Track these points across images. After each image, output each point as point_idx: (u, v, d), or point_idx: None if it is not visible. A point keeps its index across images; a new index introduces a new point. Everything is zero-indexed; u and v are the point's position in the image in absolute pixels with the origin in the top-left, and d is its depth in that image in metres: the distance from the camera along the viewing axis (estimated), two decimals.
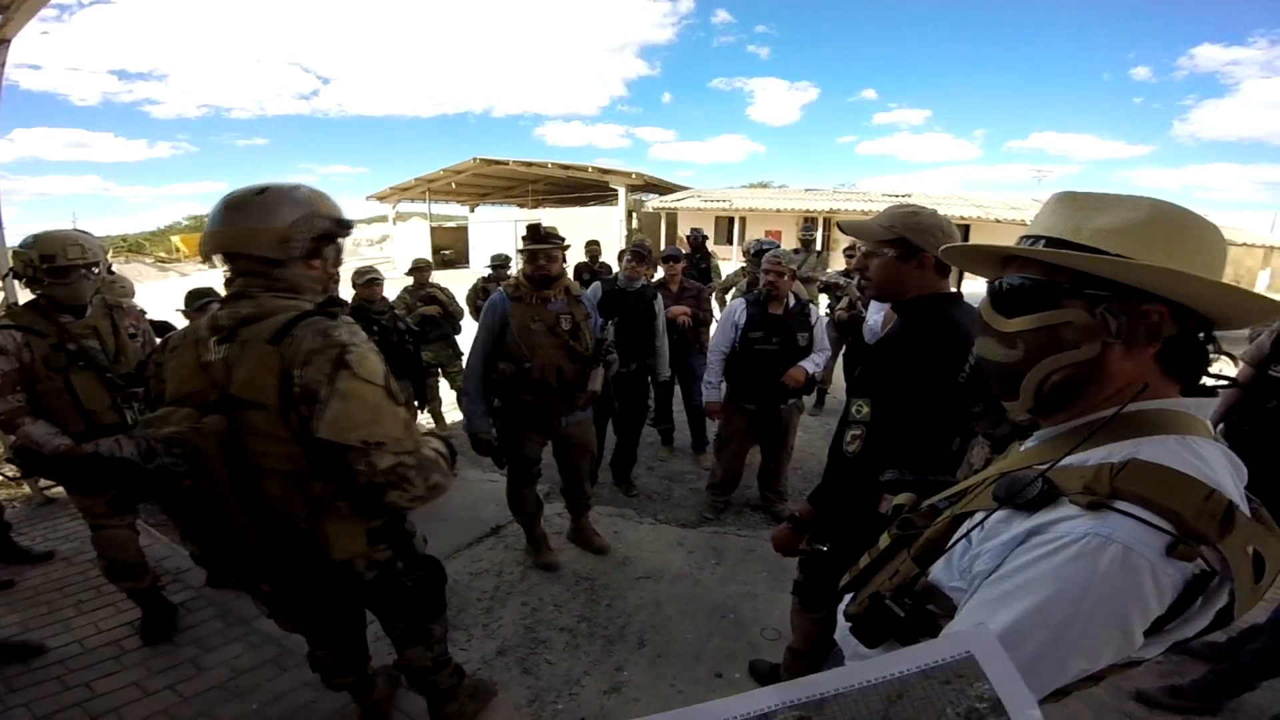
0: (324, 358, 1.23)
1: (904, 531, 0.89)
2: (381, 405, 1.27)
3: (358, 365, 1.25)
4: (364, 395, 1.25)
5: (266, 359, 1.25)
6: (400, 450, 1.28)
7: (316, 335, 1.26)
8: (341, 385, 1.23)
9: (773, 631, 2.57)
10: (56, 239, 2.16)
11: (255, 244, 1.32)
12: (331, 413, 1.22)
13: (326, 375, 1.23)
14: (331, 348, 1.24)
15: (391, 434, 1.27)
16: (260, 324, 1.28)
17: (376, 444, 1.25)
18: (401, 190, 23.06)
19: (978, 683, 0.48)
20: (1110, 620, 0.61)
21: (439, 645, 1.79)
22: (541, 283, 2.73)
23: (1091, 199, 0.74)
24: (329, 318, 1.31)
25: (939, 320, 1.52)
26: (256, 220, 1.31)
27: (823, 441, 4.77)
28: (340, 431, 1.23)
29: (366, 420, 1.24)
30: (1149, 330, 0.70)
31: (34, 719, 2.05)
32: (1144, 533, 0.60)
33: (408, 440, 1.31)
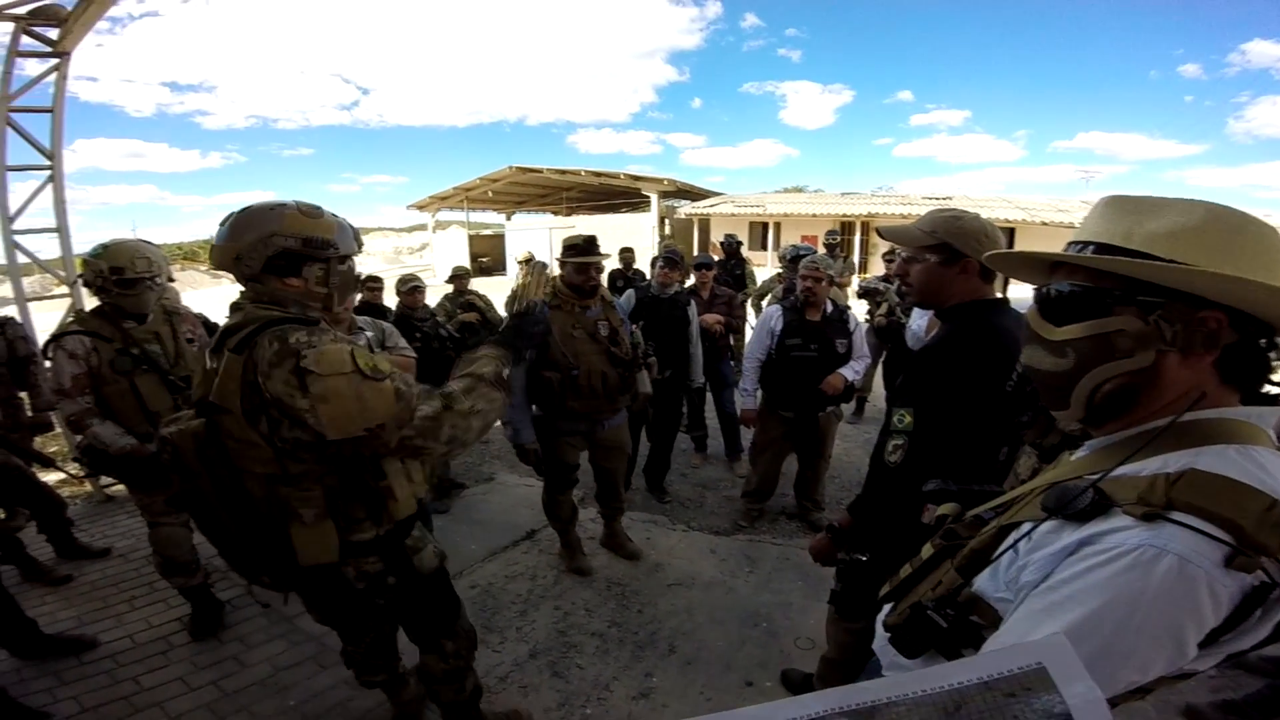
0: (284, 368, 1.25)
1: (948, 542, 0.87)
2: (361, 389, 1.27)
3: (318, 364, 1.25)
4: (340, 389, 1.25)
5: (232, 366, 1.30)
6: (399, 424, 1.31)
7: (273, 342, 1.27)
8: (315, 389, 1.24)
9: (806, 641, 2.52)
10: (125, 251, 2.28)
11: (221, 260, 1.39)
12: (326, 417, 1.24)
13: (295, 386, 1.24)
14: (287, 356, 1.25)
15: (385, 413, 1.29)
16: (239, 333, 1.33)
17: (379, 427, 1.28)
18: (440, 199, 23.56)
19: (1047, 695, 0.45)
20: (1163, 632, 0.59)
21: (455, 660, 1.79)
22: (587, 292, 2.76)
23: (1143, 202, 0.71)
24: (301, 324, 1.34)
25: (984, 327, 1.48)
26: (224, 238, 1.37)
27: (861, 450, 4.69)
28: (345, 428, 1.26)
29: (357, 410, 1.26)
30: (1206, 338, 0.67)
31: (81, 711, 2.14)
32: (1201, 544, 0.58)
33: (404, 412, 1.31)
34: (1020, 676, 0.46)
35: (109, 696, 2.20)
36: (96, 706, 2.16)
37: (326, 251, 1.41)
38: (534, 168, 20.54)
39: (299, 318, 1.37)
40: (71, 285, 3.79)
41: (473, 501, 3.98)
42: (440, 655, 1.76)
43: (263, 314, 1.36)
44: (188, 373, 2.46)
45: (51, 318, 3.63)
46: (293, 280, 1.40)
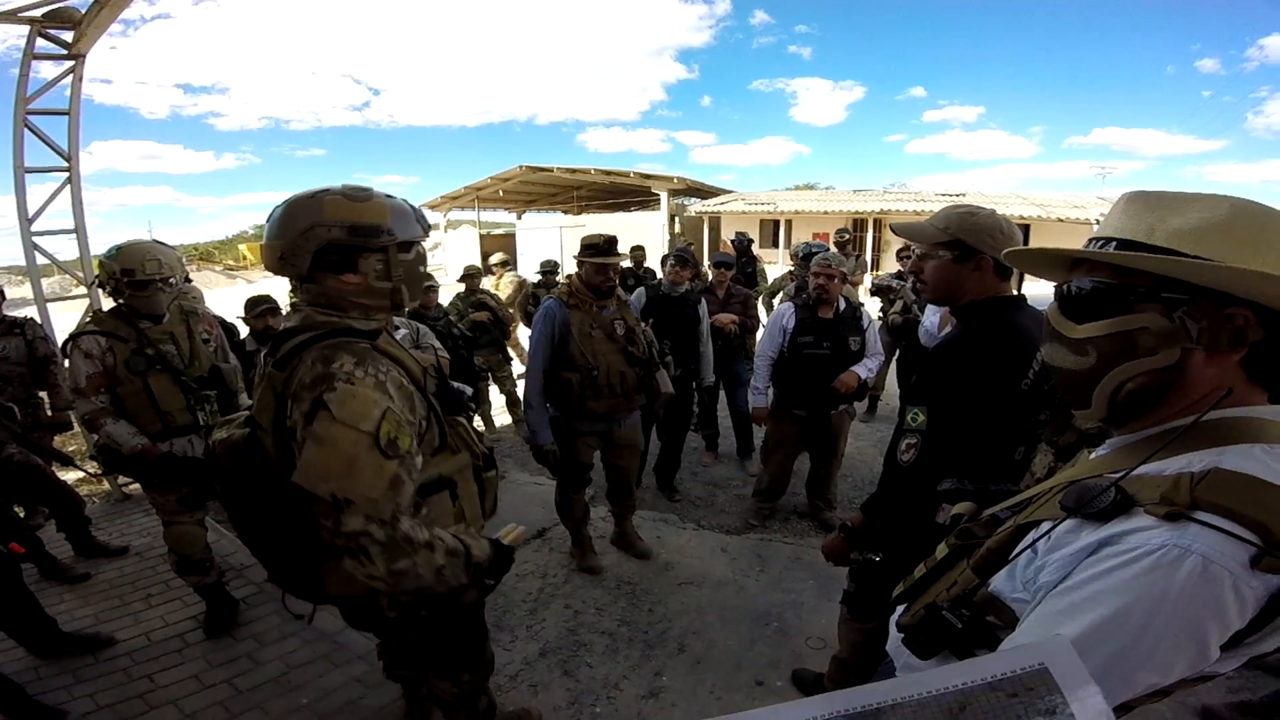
0: (309, 394, 1.11)
1: (963, 541, 0.86)
2: (360, 456, 1.08)
3: (339, 406, 1.08)
4: (339, 441, 1.07)
5: (272, 382, 1.18)
6: (375, 515, 1.08)
7: (318, 363, 1.14)
8: (316, 428, 1.08)
9: (818, 640, 2.51)
10: (137, 253, 2.30)
11: (268, 261, 1.25)
12: (305, 458, 1.08)
13: (304, 414, 1.11)
14: (321, 382, 1.11)
15: (366, 492, 1.07)
16: (292, 340, 1.20)
17: (346, 501, 1.07)
18: (452, 199, 23.69)
19: (1050, 696, 0.45)
20: (1185, 634, 0.58)
21: (469, 686, 1.70)
22: (605, 292, 2.75)
23: (1165, 198, 0.70)
24: (359, 339, 1.21)
25: (1000, 325, 1.46)
26: (269, 235, 1.24)
27: (874, 449, 4.66)
28: (312, 481, 1.07)
29: (339, 471, 1.07)
30: (1233, 335, 0.65)
31: (97, 709, 2.16)
32: (1226, 544, 0.57)
33: (386, 505, 1.10)
34: (1023, 677, 0.47)
35: (124, 694, 2.23)
36: (112, 704, 2.19)
37: (380, 239, 1.24)
38: (544, 167, 20.60)
39: (358, 329, 1.23)
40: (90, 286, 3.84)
41: None
42: (454, 682, 1.68)
43: (320, 320, 1.23)
44: (202, 373, 2.49)
45: (71, 318, 3.68)
46: (350, 277, 1.24)
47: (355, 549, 1.08)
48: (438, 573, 1.18)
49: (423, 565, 1.15)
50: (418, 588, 1.16)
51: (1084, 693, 0.45)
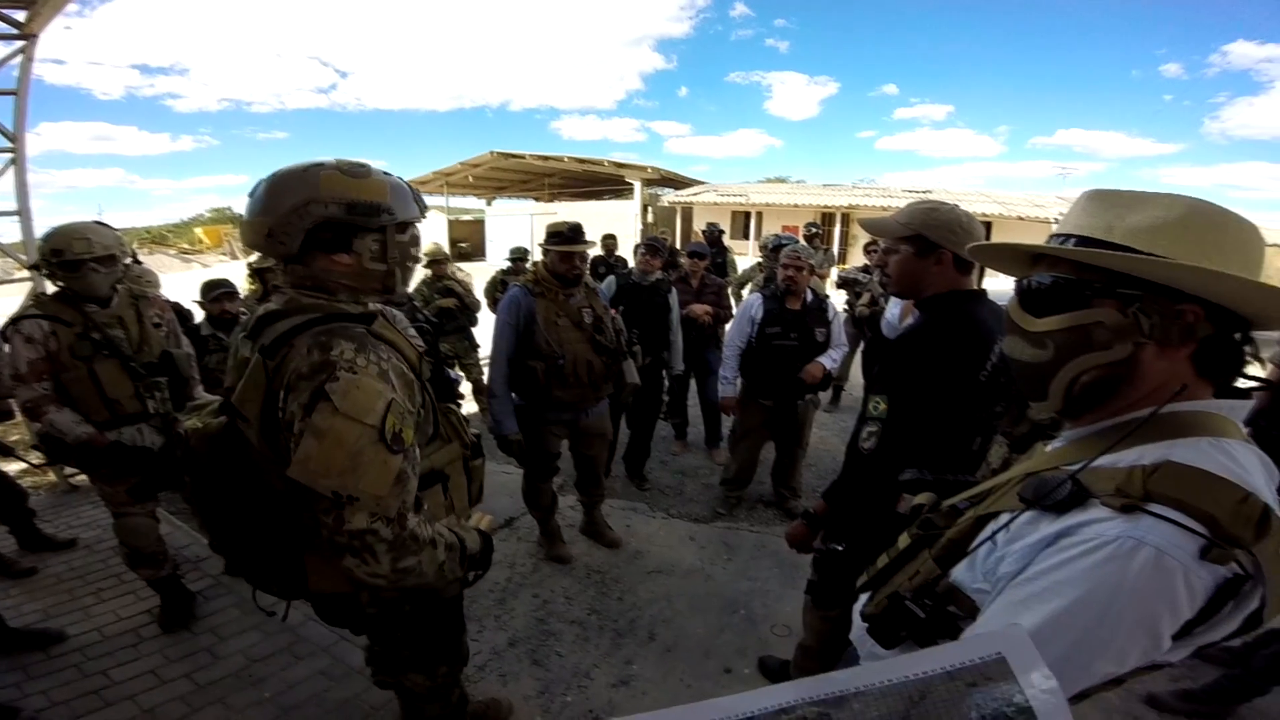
0: (308, 384, 1.05)
1: (925, 532, 0.88)
2: (365, 451, 1.04)
3: (341, 397, 1.03)
4: (342, 435, 1.03)
5: (256, 371, 1.10)
6: (380, 513, 1.06)
7: (315, 350, 1.07)
8: (318, 421, 1.03)
9: (783, 628, 2.55)
10: (64, 234, 2.19)
11: (252, 238, 1.16)
12: (303, 451, 1.03)
13: (302, 405, 1.04)
14: (320, 371, 1.05)
15: (372, 489, 1.05)
16: (276, 325, 1.13)
17: (350, 499, 1.04)
18: (419, 184, 23.15)
19: (1006, 686, 0.46)
20: (1140, 623, 0.60)
21: (442, 679, 1.65)
22: (571, 280, 2.72)
23: (1124, 197, 0.72)
24: (354, 323, 1.15)
25: (959, 317, 1.50)
26: (253, 211, 1.15)
27: (838, 438, 4.74)
28: (310, 475, 1.03)
29: (341, 467, 1.03)
30: (1183, 331, 0.68)
31: (51, 705, 2.09)
32: (1178, 536, 0.59)
33: (392, 501, 1.08)
34: (981, 666, 0.47)
35: (79, 690, 2.15)
36: (67, 701, 2.11)
37: (379, 218, 1.17)
38: (516, 153, 20.32)
39: (351, 314, 1.18)
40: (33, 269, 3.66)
41: None
42: (429, 676, 1.62)
43: (307, 303, 1.16)
44: (152, 359, 2.39)
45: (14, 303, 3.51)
46: (343, 257, 1.17)
47: (359, 547, 1.05)
48: (439, 569, 1.17)
49: (427, 563, 1.14)
50: (417, 584, 1.14)
51: (1039, 680, 0.46)
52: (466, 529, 1.34)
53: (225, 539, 1.29)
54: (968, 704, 0.46)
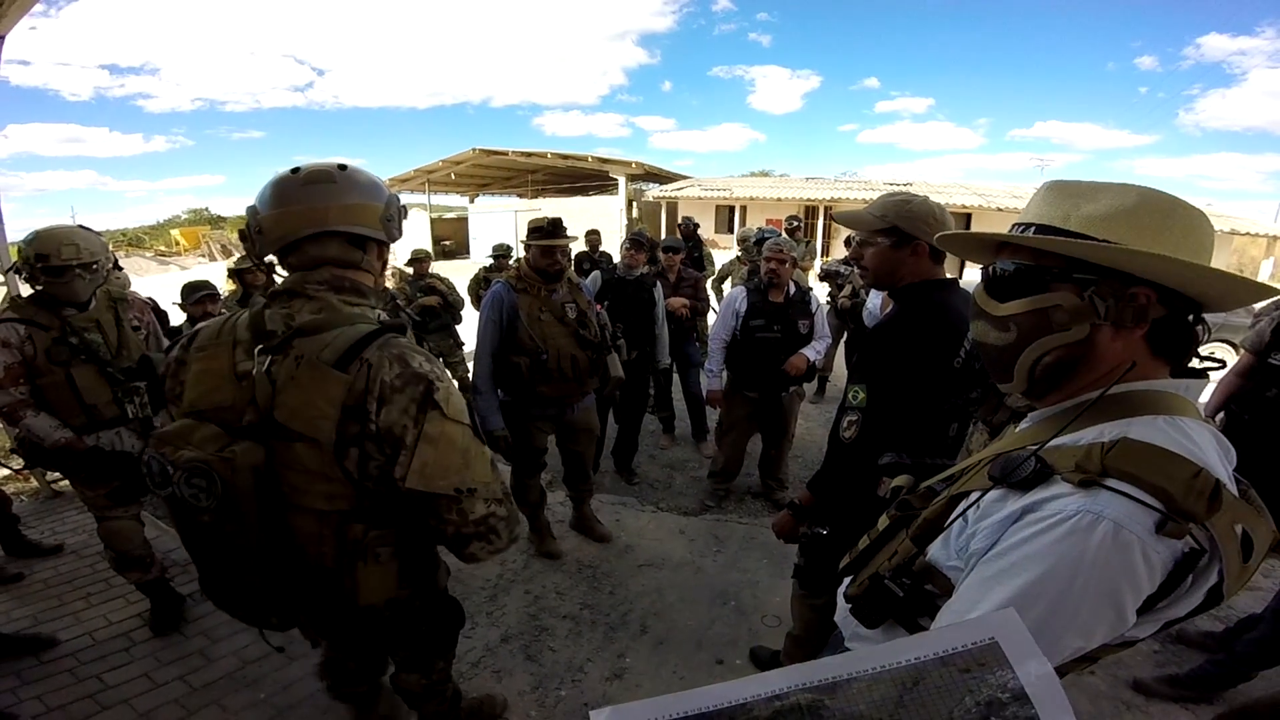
0: (407, 395, 1.06)
1: (902, 513, 0.91)
2: (471, 447, 1.12)
3: (445, 403, 1.09)
4: (454, 438, 1.09)
5: (328, 386, 1.05)
6: (491, 497, 1.14)
7: (395, 363, 1.07)
8: (430, 429, 1.07)
9: (773, 618, 2.59)
10: (53, 238, 2.16)
11: (360, 221, 1.15)
12: (420, 459, 1.06)
13: (413, 417, 1.06)
14: (416, 382, 1.07)
15: (482, 478, 1.13)
16: (321, 336, 1.09)
17: (469, 490, 1.10)
18: (401, 181, 22.95)
19: (1000, 671, 0.46)
20: (1103, 596, 0.62)
21: (440, 675, 1.67)
22: (552, 276, 2.73)
23: (1081, 187, 0.75)
24: (398, 334, 1.15)
25: (933, 306, 1.53)
26: (359, 195, 1.15)
27: (823, 429, 4.79)
28: (430, 480, 1.07)
29: (458, 465, 1.10)
30: (1136, 312, 0.71)
31: (47, 711, 2.07)
32: (1134, 510, 0.61)
33: (496, 484, 1.16)
34: (975, 652, 0.47)
35: (74, 695, 2.14)
36: (62, 705, 2.09)
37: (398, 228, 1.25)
38: (498, 150, 20.16)
39: (394, 324, 1.17)
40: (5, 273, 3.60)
41: None
42: (425, 673, 1.62)
43: (351, 311, 1.14)
44: (131, 363, 2.36)
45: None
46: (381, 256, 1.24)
47: (485, 531, 1.13)
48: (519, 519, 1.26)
49: (519, 528, 1.24)
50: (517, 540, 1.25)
51: (1033, 666, 0.46)
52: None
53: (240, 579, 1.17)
54: (961, 689, 0.46)
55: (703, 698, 0.52)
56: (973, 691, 0.46)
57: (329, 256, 1.16)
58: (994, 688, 0.46)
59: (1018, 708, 0.45)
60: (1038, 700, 0.45)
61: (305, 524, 1.12)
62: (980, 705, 0.45)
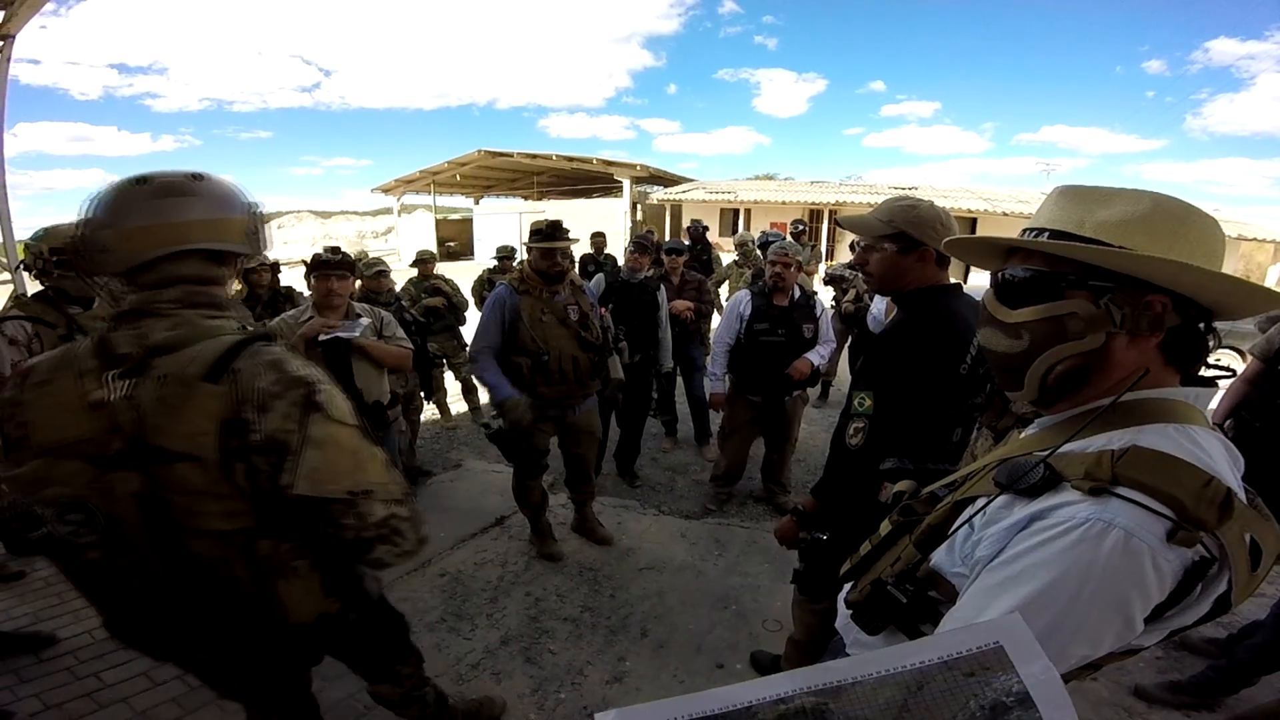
0: (288, 400, 1.01)
1: (905, 518, 0.90)
2: (361, 448, 1.08)
3: (329, 405, 1.05)
4: (341, 440, 1.05)
5: (202, 400, 0.99)
6: (390, 497, 1.09)
7: (270, 369, 1.02)
8: (315, 432, 1.02)
9: (774, 623, 2.58)
10: (66, 233, 2.18)
11: (223, 236, 1.08)
12: (308, 464, 1.01)
13: (296, 421, 1.01)
14: (295, 386, 1.03)
15: (377, 479, 1.09)
16: (184, 352, 1.01)
17: (364, 492, 1.06)
18: (406, 183, 23.06)
19: (1004, 675, 0.46)
20: (1112, 605, 0.61)
21: (410, 680, 1.63)
22: (553, 278, 2.73)
23: (1094, 192, 0.74)
24: (267, 342, 1.09)
25: (939, 312, 1.52)
26: (221, 208, 1.07)
27: (827, 434, 4.76)
28: (321, 484, 1.02)
29: (349, 467, 1.05)
30: (1152, 321, 0.70)
31: (45, 709, 2.07)
32: (1145, 518, 0.61)
33: (394, 485, 1.11)
34: (979, 656, 0.47)
35: (72, 693, 2.14)
36: (60, 704, 2.09)
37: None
38: (504, 151, 20.25)
39: (261, 332, 1.12)
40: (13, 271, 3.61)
41: (440, 489, 3.94)
42: (395, 681, 1.59)
43: (211, 324, 1.07)
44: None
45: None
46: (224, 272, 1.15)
47: (389, 532, 1.08)
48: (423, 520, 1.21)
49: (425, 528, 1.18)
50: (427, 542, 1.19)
51: (1037, 668, 0.46)
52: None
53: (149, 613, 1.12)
54: (966, 694, 0.46)
55: (707, 701, 0.52)
56: (977, 695, 0.46)
57: (187, 275, 1.07)
58: (998, 692, 0.45)
59: (1022, 711, 0.45)
60: (1042, 704, 0.45)
61: (207, 547, 1.05)
62: (984, 709, 0.45)
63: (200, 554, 1.05)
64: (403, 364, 2.78)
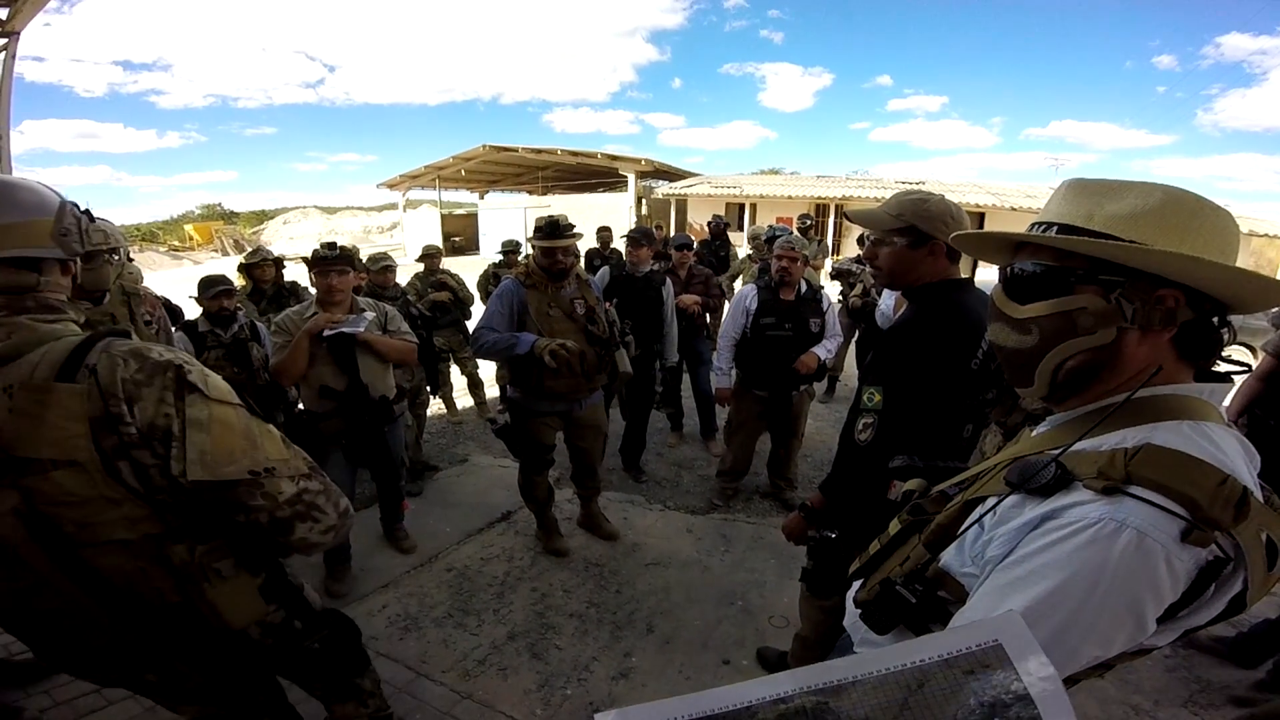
0: (158, 385, 0.97)
1: (915, 517, 0.89)
2: (252, 427, 1.04)
3: (205, 384, 1.00)
4: (228, 419, 1.00)
5: (63, 401, 0.93)
6: (297, 473, 1.05)
7: (131, 358, 0.97)
8: (195, 413, 0.97)
9: (781, 619, 2.57)
10: None
11: (26, 242, 1.00)
12: (196, 448, 0.96)
13: (172, 405, 0.97)
14: (163, 370, 0.98)
15: (278, 455, 1.04)
16: (25, 359, 0.96)
17: (267, 470, 1.01)
18: (411, 178, 23.06)
19: (1004, 673, 0.46)
20: (1124, 606, 0.60)
21: (374, 699, 1.53)
22: (558, 274, 2.72)
23: (1104, 185, 0.73)
24: (120, 338, 1.03)
25: (951, 307, 1.51)
26: (19, 212, 1.00)
27: (833, 429, 4.76)
28: (216, 467, 0.97)
29: (243, 446, 1.00)
30: (1164, 316, 0.69)
31: (55, 705, 2.09)
32: (1159, 518, 0.60)
33: (298, 460, 1.07)
34: (978, 654, 0.47)
35: (80, 690, 2.14)
36: (69, 700, 2.11)
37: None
38: (509, 147, 20.21)
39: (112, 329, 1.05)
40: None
41: (446, 484, 3.95)
42: (359, 699, 1.49)
43: (51, 328, 1.01)
44: None
45: None
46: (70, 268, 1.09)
47: (304, 510, 1.05)
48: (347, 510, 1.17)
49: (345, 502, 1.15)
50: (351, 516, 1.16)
51: (1036, 668, 0.46)
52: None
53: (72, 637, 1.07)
54: (966, 692, 0.46)
55: (707, 700, 0.52)
56: (977, 694, 0.46)
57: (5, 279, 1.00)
58: (998, 689, 0.46)
59: (1021, 709, 0.45)
60: (1040, 702, 0.45)
61: (116, 561, 0.99)
62: (984, 706, 0.45)
63: (110, 568, 1.00)
64: (407, 358, 2.79)
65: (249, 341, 3.08)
